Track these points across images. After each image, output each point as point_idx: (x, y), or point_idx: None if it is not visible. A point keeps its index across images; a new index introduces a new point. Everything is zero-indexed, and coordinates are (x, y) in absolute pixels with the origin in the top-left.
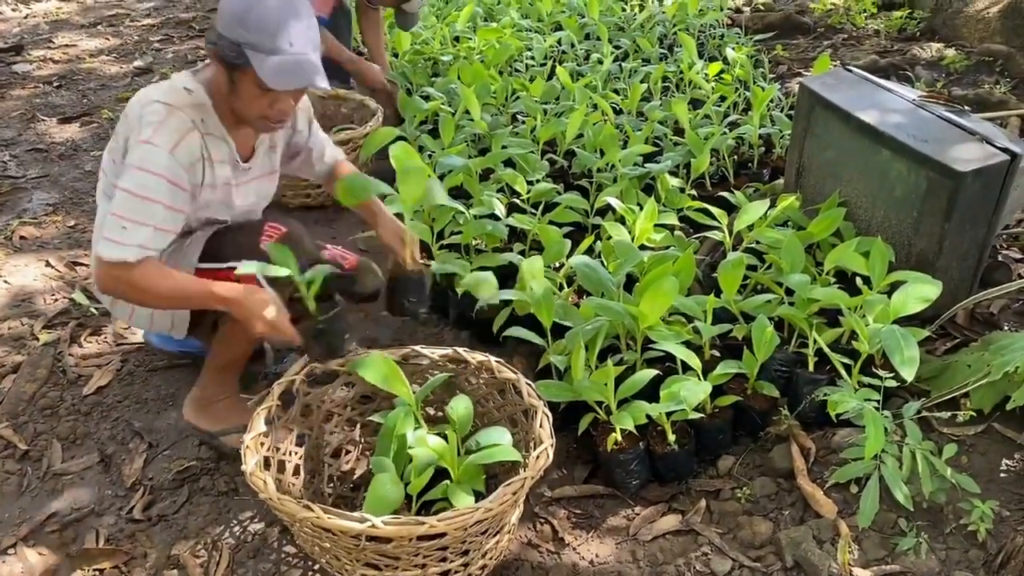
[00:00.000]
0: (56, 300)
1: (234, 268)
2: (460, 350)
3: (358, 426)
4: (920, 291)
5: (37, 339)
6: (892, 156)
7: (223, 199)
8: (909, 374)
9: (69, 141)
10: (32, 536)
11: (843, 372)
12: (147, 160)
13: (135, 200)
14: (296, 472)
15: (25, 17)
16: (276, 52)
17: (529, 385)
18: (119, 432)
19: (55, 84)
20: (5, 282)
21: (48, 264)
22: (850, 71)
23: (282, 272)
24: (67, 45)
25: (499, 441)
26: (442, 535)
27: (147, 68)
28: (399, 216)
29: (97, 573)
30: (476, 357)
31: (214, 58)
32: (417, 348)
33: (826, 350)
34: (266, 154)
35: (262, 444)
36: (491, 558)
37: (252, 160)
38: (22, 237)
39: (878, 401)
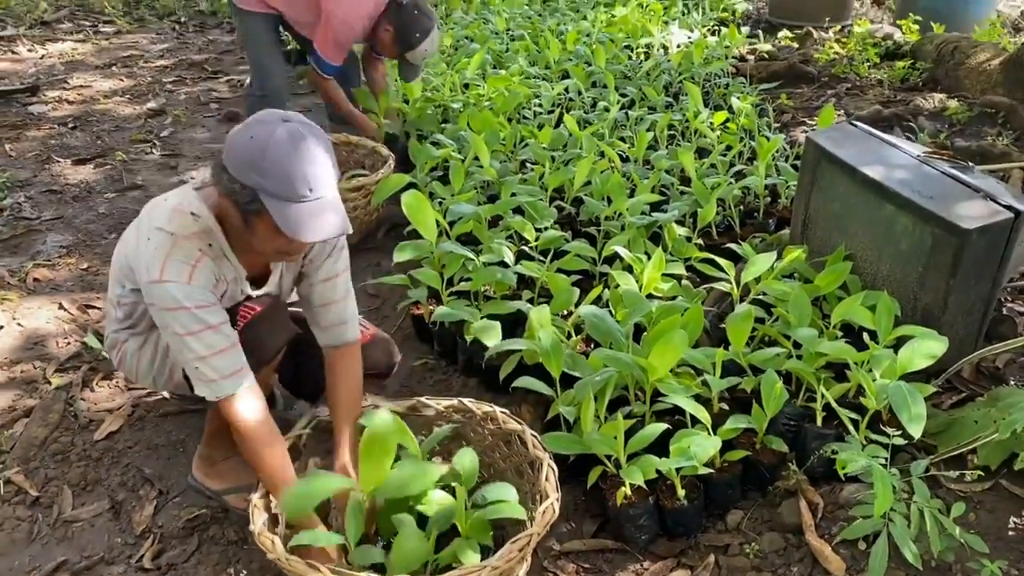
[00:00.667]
0: (68, 343)
1: None
2: (466, 401)
3: None
4: (926, 347)
5: (49, 383)
6: (897, 211)
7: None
8: (917, 431)
9: (83, 183)
10: None
11: (851, 428)
12: (171, 299)
13: (189, 339)
14: None
15: (41, 57)
16: (296, 200)
17: (534, 436)
18: (129, 478)
19: (70, 125)
20: (19, 324)
21: (61, 307)
22: (855, 126)
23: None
24: (82, 86)
25: (505, 497)
26: None
27: (160, 110)
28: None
29: None
30: (482, 408)
31: (224, 199)
32: (423, 399)
33: (834, 405)
34: (277, 281)
35: (270, 503)
36: None
37: (266, 287)
38: (36, 279)
39: (886, 459)
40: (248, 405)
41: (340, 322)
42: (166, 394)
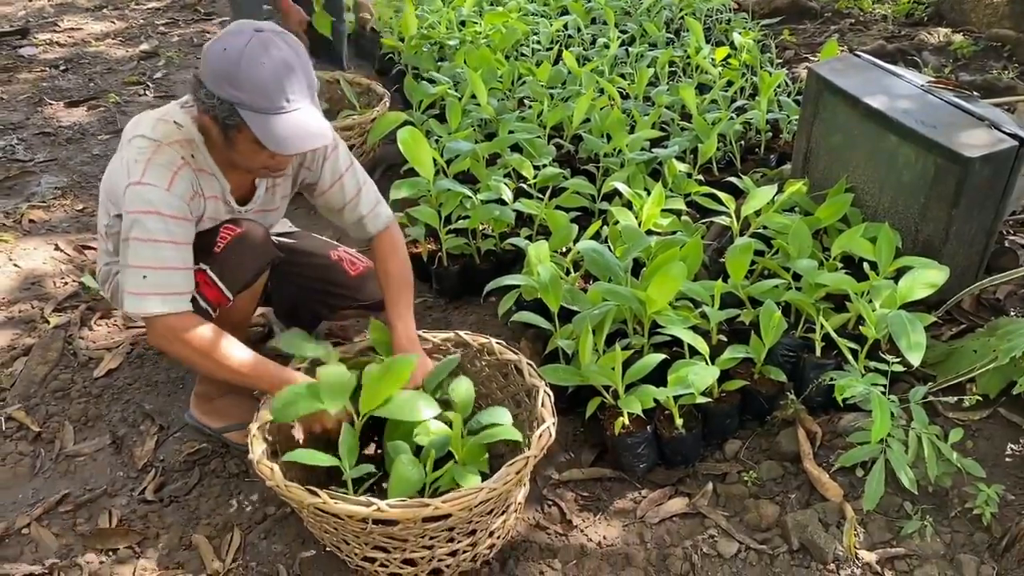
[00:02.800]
0: (66, 283)
1: (196, 271)
2: (462, 333)
3: None
4: (927, 276)
5: (47, 322)
6: (900, 142)
7: (215, 222)
8: (916, 359)
9: (76, 125)
10: (46, 516)
11: (850, 357)
12: (146, 202)
13: (146, 245)
14: None
15: (30, 0)
16: (274, 111)
17: (530, 365)
18: (130, 414)
19: (61, 68)
20: (15, 265)
21: (57, 248)
22: (859, 56)
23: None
24: (73, 28)
25: (500, 421)
26: (447, 516)
27: (153, 52)
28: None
29: (111, 553)
30: (478, 339)
31: (204, 115)
32: (420, 333)
33: (833, 335)
34: (266, 195)
35: (269, 433)
36: (498, 537)
37: (251, 203)
38: (31, 220)
39: (884, 386)
40: (185, 322)
41: (364, 215)
42: None
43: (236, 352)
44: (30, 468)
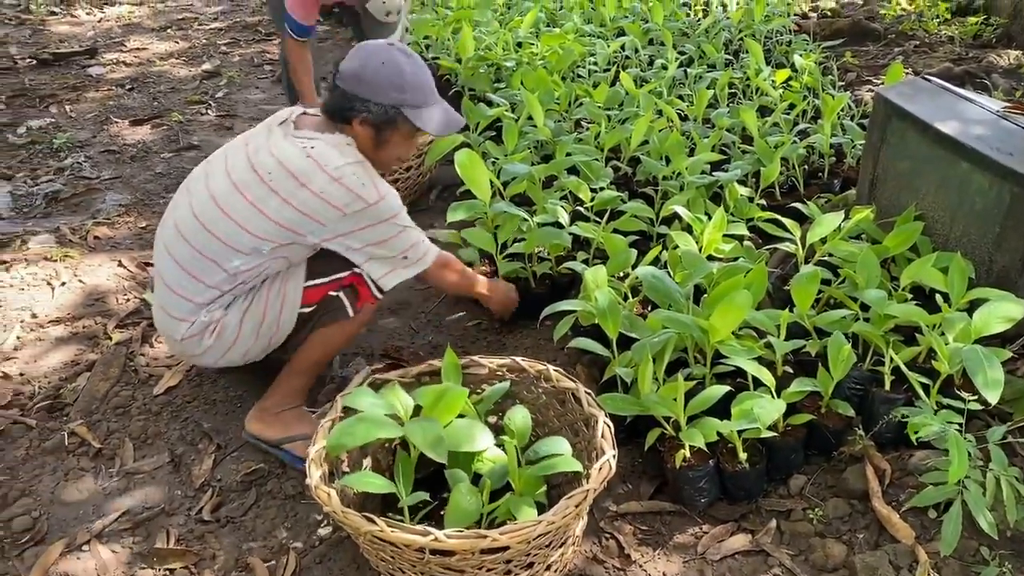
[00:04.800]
0: (128, 300)
1: (344, 277)
2: (518, 359)
3: None
4: (1003, 310)
5: (110, 338)
6: (972, 168)
7: None
8: (993, 397)
9: (140, 143)
10: (106, 533)
11: (921, 392)
12: (389, 210)
13: (401, 236)
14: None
15: (99, 21)
16: (427, 104)
17: (589, 394)
18: (188, 433)
19: (127, 87)
20: (80, 281)
21: (120, 264)
22: (927, 80)
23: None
24: (138, 48)
25: (559, 451)
26: (505, 548)
27: (215, 71)
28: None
29: (168, 572)
30: (535, 366)
31: (361, 125)
32: (475, 358)
33: (903, 369)
34: None
35: (326, 457)
36: (556, 571)
37: None
38: (96, 237)
39: (960, 424)
40: (444, 258)
41: None
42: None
43: (473, 275)
44: (91, 484)
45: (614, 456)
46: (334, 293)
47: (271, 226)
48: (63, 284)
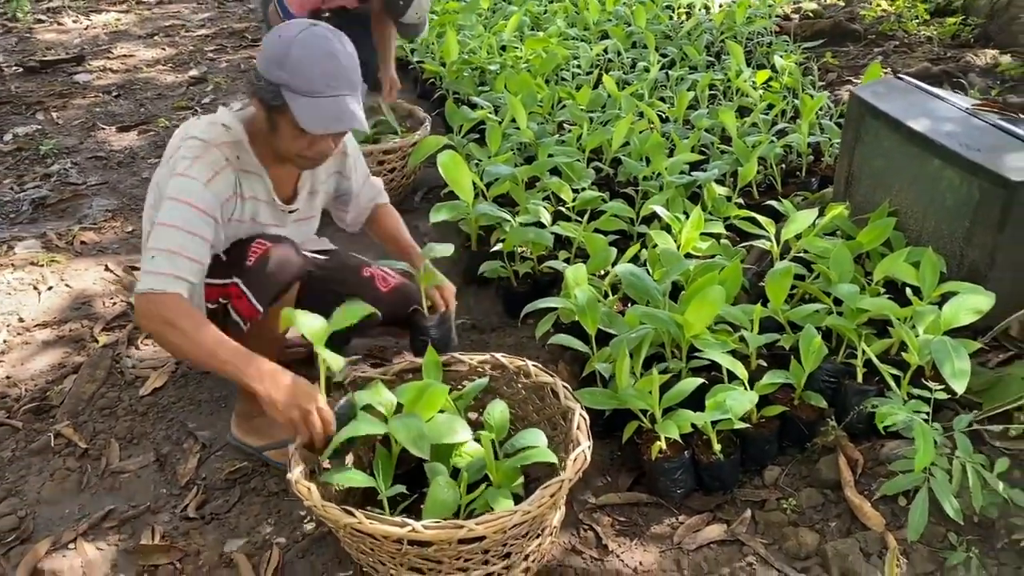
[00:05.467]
0: (114, 303)
1: (228, 284)
2: (498, 355)
3: None
4: (972, 302)
5: (96, 341)
6: (943, 165)
7: (250, 232)
8: (960, 386)
9: (127, 149)
10: (91, 531)
11: (892, 383)
12: (182, 191)
13: (167, 230)
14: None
15: (86, 28)
16: (313, 94)
17: (566, 387)
18: (174, 432)
19: (114, 93)
20: (67, 285)
21: (107, 268)
22: (901, 79)
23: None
24: (125, 55)
25: (535, 443)
26: (482, 538)
27: (201, 77)
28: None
29: (153, 569)
30: (514, 362)
31: (253, 97)
32: (456, 355)
33: (875, 361)
34: (307, 199)
35: (309, 452)
36: (534, 561)
37: (295, 202)
38: (82, 242)
39: (928, 413)
40: (168, 300)
41: (376, 193)
42: None
43: (212, 336)
44: (77, 484)
45: (589, 447)
46: (223, 300)
47: (159, 194)
48: (50, 288)
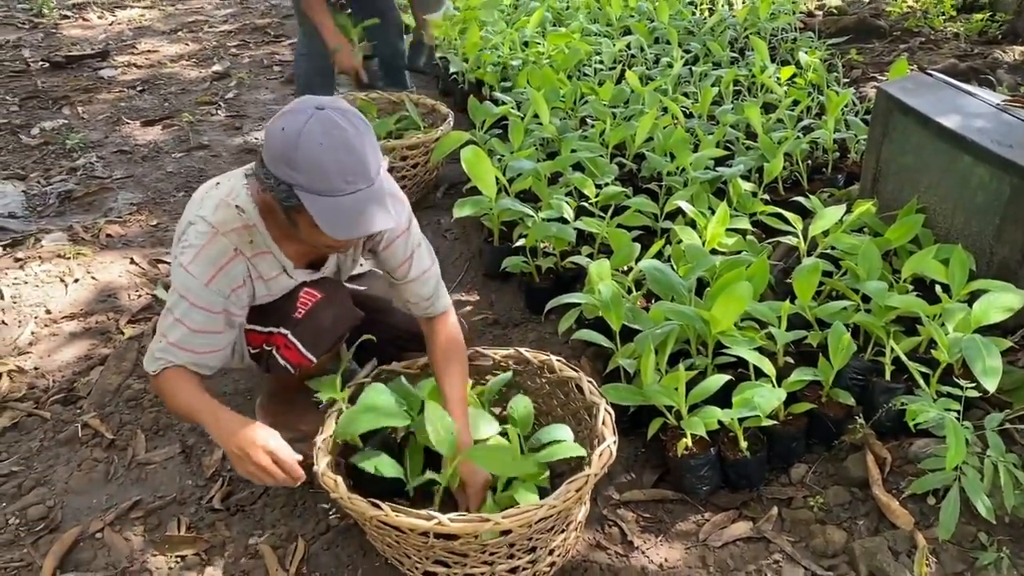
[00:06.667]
0: (140, 296)
1: (274, 333)
2: (522, 350)
3: None
4: (1003, 300)
5: (122, 333)
6: (974, 162)
7: (283, 293)
8: (992, 384)
9: (151, 143)
10: (118, 522)
11: (921, 381)
12: (183, 286)
13: (171, 322)
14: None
15: (110, 24)
16: (332, 193)
17: (591, 383)
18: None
19: (138, 88)
20: (93, 278)
21: (132, 261)
22: (930, 75)
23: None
24: (149, 51)
25: (561, 438)
26: (507, 532)
27: (225, 73)
28: None
29: (179, 559)
30: (538, 357)
31: (265, 193)
32: (480, 349)
33: (904, 359)
34: (336, 262)
35: (334, 445)
36: (559, 555)
37: (324, 269)
38: (108, 235)
39: (958, 411)
40: (166, 379)
41: (426, 297)
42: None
43: (185, 403)
44: (104, 474)
45: (615, 442)
46: (268, 347)
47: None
48: (76, 281)
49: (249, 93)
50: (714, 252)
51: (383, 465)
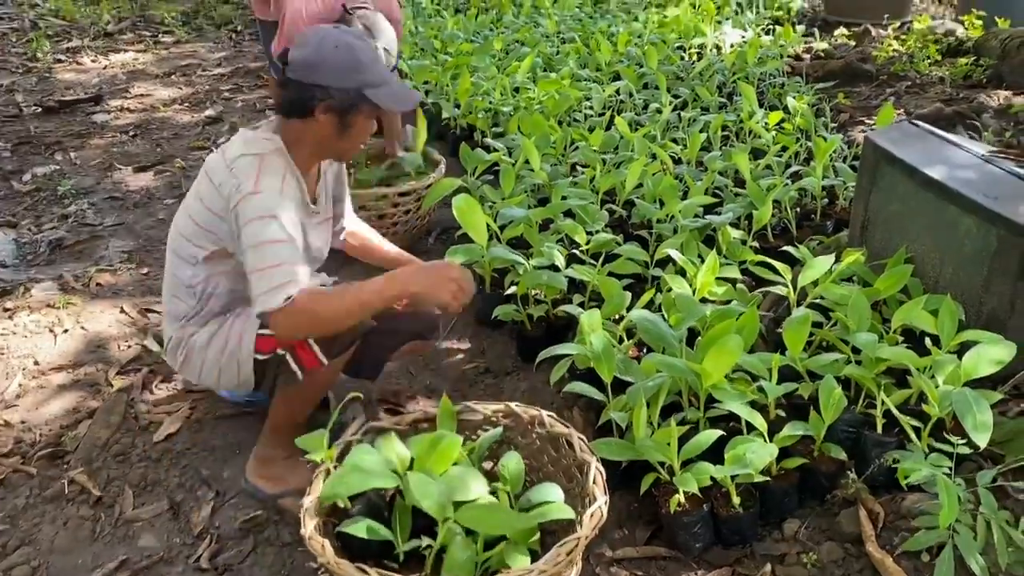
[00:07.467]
0: (129, 346)
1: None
2: (512, 404)
3: None
4: (992, 353)
5: (111, 385)
6: (960, 213)
7: (300, 239)
8: (982, 440)
9: (143, 189)
10: None
11: (912, 435)
12: (260, 208)
13: (264, 249)
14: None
15: (104, 68)
16: (386, 83)
17: (581, 439)
18: (187, 479)
19: (131, 133)
20: (82, 328)
21: (122, 311)
22: (916, 125)
23: None
24: (143, 94)
25: (552, 498)
26: None
27: (217, 117)
28: None
29: None
30: (529, 412)
31: (325, 114)
32: (470, 403)
33: (895, 412)
34: (326, 200)
35: (321, 507)
36: None
37: (318, 204)
38: (98, 284)
39: (950, 467)
40: (305, 300)
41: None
42: (225, 393)
43: (343, 301)
44: (91, 532)
45: (606, 502)
46: (281, 351)
47: (194, 228)
48: (65, 331)
49: None
50: (704, 301)
51: (372, 530)
